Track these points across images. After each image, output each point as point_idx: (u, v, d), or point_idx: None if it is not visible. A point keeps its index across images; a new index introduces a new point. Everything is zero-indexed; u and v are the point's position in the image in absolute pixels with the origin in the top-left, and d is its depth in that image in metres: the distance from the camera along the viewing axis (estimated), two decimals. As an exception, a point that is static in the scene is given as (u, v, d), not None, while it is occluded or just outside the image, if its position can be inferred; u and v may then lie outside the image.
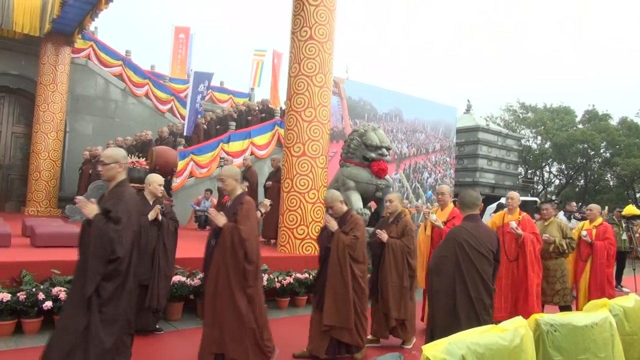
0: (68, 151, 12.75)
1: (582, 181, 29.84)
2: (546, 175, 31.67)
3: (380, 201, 7.54)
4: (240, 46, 53.77)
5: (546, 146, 29.12)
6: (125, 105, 14.27)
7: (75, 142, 12.91)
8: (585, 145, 26.64)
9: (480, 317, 3.20)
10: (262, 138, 13.05)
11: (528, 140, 29.91)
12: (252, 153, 12.42)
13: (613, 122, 28.14)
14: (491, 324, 2.31)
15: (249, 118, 13.82)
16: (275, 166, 8.91)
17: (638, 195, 27.74)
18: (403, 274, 4.48)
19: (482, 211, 11.43)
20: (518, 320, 2.28)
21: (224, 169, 3.87)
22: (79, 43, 13.01)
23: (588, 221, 6.37)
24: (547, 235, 5.53)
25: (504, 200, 6.99)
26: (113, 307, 2.87)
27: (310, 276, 6.05)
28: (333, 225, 4.17)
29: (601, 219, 6.31)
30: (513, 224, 5.22)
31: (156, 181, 4.82)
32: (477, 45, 57.01)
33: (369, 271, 4.89)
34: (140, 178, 9.32)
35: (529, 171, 30.52)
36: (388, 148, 7.57)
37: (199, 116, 12.91)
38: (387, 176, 7.60)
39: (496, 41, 57.39)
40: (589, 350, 2.49)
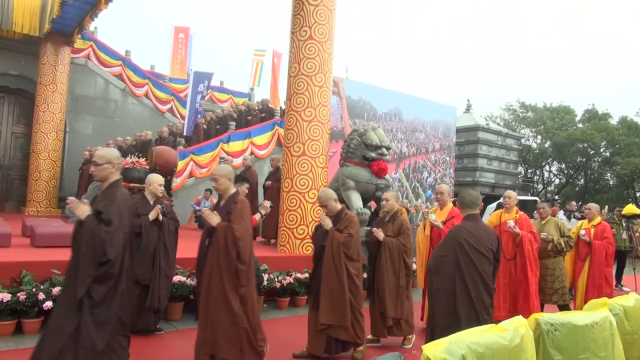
0: (68, 151, 12.75)
1: (582, 180, 29.83)
2: (546, 174, 31.67)
3: (380, 201, 7.52)
4: (240, 46, 53.78)
5: (546, 145, 29.10)
6: (125, 105, 14.26)
7: (75, 142, 12.91)
8: (585, 144, 26.63)
9: (480, 317, 3.21)
10: (262, 138, 13.05)
11: (528, 139, 29.89)
12: (252, 153, 12.42)
13: (613, 122, 28.12)
14: (491, 324, 2.32)
15: (249, 118, 13.82)
16: (274, 166, 8.91)
17: (638, 194, 27.73)
18: (399, 273, 4.48)
19: (482, 211, 11.44)
20: (518, 319, 2.29)
21: (217, 168, 3.82)
22: (79, 43, 13.01)
23: (587, 220, 6.37)
24: (545, 233, 5.54)
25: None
26: (105, 309, 2.84)
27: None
28: (327, 223, 4.17)
29: (600, 218, 6.30)
30: (511, 223, 5.22)
31: (156, 181, 4.83)
32: (477, 45, 57.04)
33: (365, 269, 4.89)
34: (140, 178, 9.31)
35: (529, 170, 30.50)
36: (388, 147, 7.56)
37: (199, 116, 12.91)
38: (387, 176, 7.59)
39: (496, 41, 57.41)
40: (589, 349, 2.49)
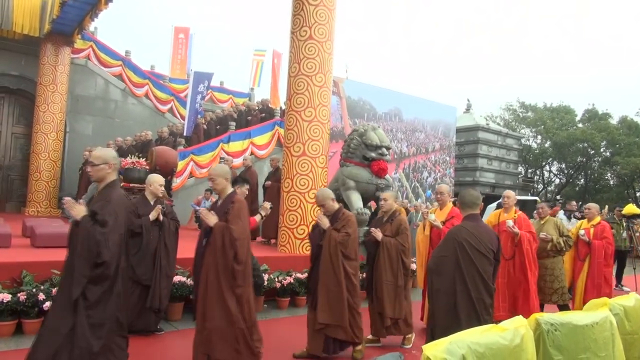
0: (68, 151, 12.75)
1: (582, 180, 29.81)
2: (546, 174, 31.66)
3: (380, 201, 7.52)
4: (240, 46, 53.74)
5: (546, 145, 29.08)
6: (125, 105, 14.26)
7: (75, 143, 12.91)
8: (585, 144, 26.61)
9: (480, 317, 3.20)
10: (262, 138, 13.04)
11: (528, 139, 29.87)
12: (252, 153, 12.42)
13: (613, 121, 28.09)
14: (492, 324, 2.32)
15: (249, 118, 13.82)
16: (274, 166, 8.91)
17: (638, 194, 27.72)
18: (397, 273, 4.47)
19: (483, 210, 11.42)
20: (518, 319, 2.29)
21: (213, 168, 3.80)
22: (79, 43, 13.01)
23: (586, 220, 6.37)
24: (545, 233, 5.54)
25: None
26: (100, 311, 2.83)
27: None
28: (325, 222, 4.16)
29: (599, 218, 6.30)
30: (510, 223, 5.22)
31: (157, 181, 4.83)
32: (477, 44, 57.02)
33: (363, 269, 4.88)
34: (140, 178, 9.31)
35: (529, 170, 30.49)
36: (388, 147, 7.56)
37: (199, 116, 12.90)
38: (387, 176, 7.60)
39: (496, 40, 57.42)
40: (590, 349, 2.49)
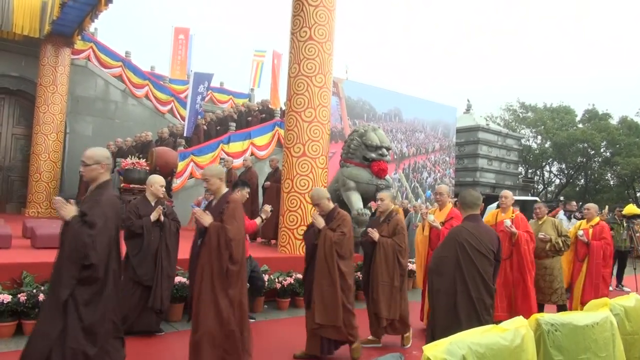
0: (68, 152, 12.75)
1: (583, 180, 29.81)
2: (546, 174, 31.66)
3: (380, 201, 7.52)
4: (240, 46, 53.74)
5: (546, 146, 29.07)
6: (125, 106, 14.26)
7: (75, 144, 12.91)
8: (585, 144, 26.60)
9: (481, 317, 3.21)
10: (262, 139, 13.04)
11: (528, 139, 29.87)
12: (252, 154, 12.42)
13: (613, 122, 28.09)
14: (492, 324, 2.32)
15: (249, 119, 13.83)
16: (273, 166, 8.91)
17: (638, 194, 27.72)
18: (394, 273, 4.46)
19: (483, 211, 11.42)
20: (519, 320, 2.29)
21: (207, 169, 3.75)
22: (79, 44, 13.01)
23: (585, 220, 6.36)
24: (543, 233, 5.54)
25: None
26: (91, 312, 2.77)
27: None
28: (320, 222, 4.14)
29: (598, 219, 6.29)
30: (508, 222, 5.23)
31: (158, 182, 4.83)
32: (477, 45, 57.01)
33: (360, 270, 4.86)
34: (140, 179, 9.33)
35: (529, 171, 30.48)
36: (388, 148, 7.57)
37: (199, 117, 12.90)
38: (387, 176, 7.60)
39: (496, 41, 57.37)
40: (590, 349, 2.49)
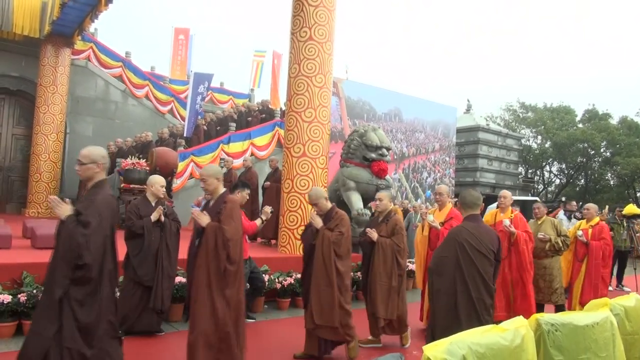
0: (68, 153, 12.75)
1: (583, 180, 29.79)
2: (546, 174, 31.64)
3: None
4: (240, 47, 53.70)
5: (546, 146, 29.06)
6: (125, 106, 14.27)
7: (75, 144, 12.90)
8: (585, 144, 26.59)
9: (481, 317, 3.21)
10: (262, 139, 13.05)
11: (528, 139, 29.85)
12: (252, 154, 12.42)
13: (613, 122, 28.08)
14: (492, 324, 2.32)
15: (249, 119, 13.83)
16: (273, 167, 8.91)
17: (638, 194, 27.72)
18: (392, 274, 4.45)
19: (483, 211, 11.41)
20: (519, 320, 2.28)
21: (204, 168, 3.72)
22: (79, 44, 13.02)
23: (585, 220, 6.36)
24: (543, 233, 5.54)
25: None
26: (86, 313, 2.74)
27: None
28: (318, 222, 4.13)
29: (598, 219, 6.29)
30: (506, 222, 5.24)
31: (158, 182, 4.84)
32: (477, 45, 56.98)
33: (360, 270, 4.85)
34: (140, 179, 9.34)
35: (530, 171, 30.47)
36: (388, 148, 7.57)
37: (199, 117, 12.91)
38: (387, 176, 7.60)
39: (496, 41, 57.35)
40: (590, 349, 2.48)
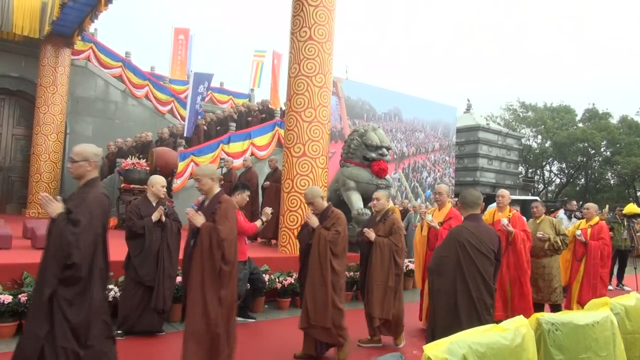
0: (68, 153, 12.74)
1: (583, 180, 29.78)
2: (547, 174, 31.63)
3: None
4: (239, 47, 53.70)
5: (546, 145, 29.05)
6: (125, 106, 14.27)
7: (75, 144, 12.54)
8: (585, 144, 26.57)
9: (481, 317, 3.20)
10: (262, 139, 13.04)
11: (528, 139, 29.84)
12: (253, 154, 12.41)
13: (613, 121, 28.06)
14: (492, 324, 2.32)
15: (249, 119, 13.83)
16: (272, 167, 8.91)
17: (639, 193, 27.71)
18: (389, 273, 4.44)
19: (483, 210, 11.40)
20: (519, 319, 2.28)
21: (199, 168, 3.72)
22: (79, 45, 13.01)
23: (584, 220, 6.35)
24: (542, 232, 5.54)
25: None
26: (75, 312, 2.71)
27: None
28: (314, 221, 4.13)
29: (598, 218, 6.28)
30: (504, 221, 5.25)
31: (159, 182, 4.84)
32: (477, 45, 56.99)
33: (356, 269, 4.84)
34: (140, 179, 9.33)
35: (530, 170, 30.46)
36: (388, 148, 7.57)
37: (199, 117, 12.91)
38: (387, 176, 7.60)
39: (496, 41, 57.35)
40: (591, 349, 2.48)
